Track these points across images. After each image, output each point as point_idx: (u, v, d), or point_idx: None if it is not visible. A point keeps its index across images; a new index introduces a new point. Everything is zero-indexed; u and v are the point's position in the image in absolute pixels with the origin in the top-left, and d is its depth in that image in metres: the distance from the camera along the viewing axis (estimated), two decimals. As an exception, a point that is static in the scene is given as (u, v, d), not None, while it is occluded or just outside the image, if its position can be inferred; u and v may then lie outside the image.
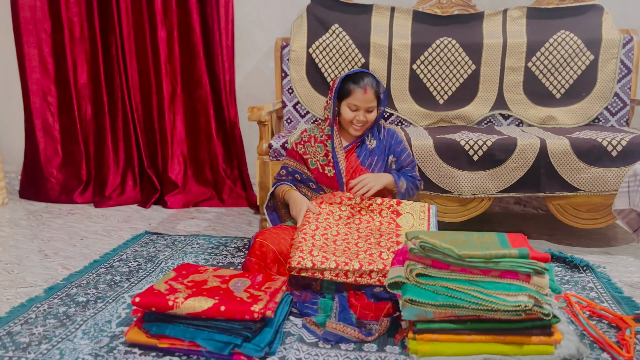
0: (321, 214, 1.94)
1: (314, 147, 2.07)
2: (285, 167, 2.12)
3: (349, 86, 1.97)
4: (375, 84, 1.98)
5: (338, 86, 1.98)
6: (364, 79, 1.96)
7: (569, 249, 2.39)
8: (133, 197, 3.26)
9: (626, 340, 1.49)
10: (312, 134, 2.11)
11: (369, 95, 1.95)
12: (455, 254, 1.39)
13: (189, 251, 2.35)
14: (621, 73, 2.76)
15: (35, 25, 3.20)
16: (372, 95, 1.96)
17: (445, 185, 2.32)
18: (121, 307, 1.78)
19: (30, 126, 3.31)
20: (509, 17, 2.85)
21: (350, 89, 1.96)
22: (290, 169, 2.10)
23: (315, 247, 1.78)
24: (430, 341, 1.41)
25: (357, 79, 1.97)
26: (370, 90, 1.95)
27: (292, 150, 2.13)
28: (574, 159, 2.26)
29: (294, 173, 2.10)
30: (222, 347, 1.43)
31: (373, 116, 2.00)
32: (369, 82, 1.96)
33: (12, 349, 1.52)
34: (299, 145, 2.11)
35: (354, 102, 1.96)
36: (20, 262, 2.26)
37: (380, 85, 2.00)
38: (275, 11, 3.11)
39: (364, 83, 1.95)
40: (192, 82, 3.17)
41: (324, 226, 1.90)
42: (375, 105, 1.98)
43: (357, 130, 2.02)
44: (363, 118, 1.98)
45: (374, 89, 1.96)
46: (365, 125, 2.02)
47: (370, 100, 1.96)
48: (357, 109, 1.97)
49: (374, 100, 1.97)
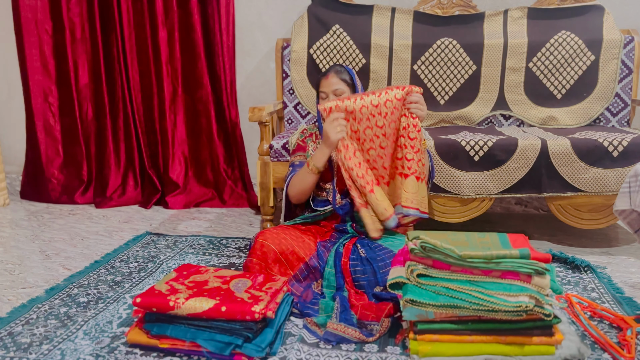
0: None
1: (315, 142, 2.12)
2: (292, 164, 2.11)
3: (318, 80, 2.07)
4: (341, 70, 2.04)
5: (317, 88, 2.08)
6: (329, 69, 2.05)
7: (570, 249, 2.39)
8: (134, 198, 3.26)
9: (627, 341, 1.49)
10: (311, 131, 2.16)
11: (332, 79, 2.01)
12: (456, 255, 1.39)
13: (190, 252, 2.35)
14: (622, 73, 2.76)
15: (36, 25, 3.21)
16: (336, 79, 2.01)
17: (446, 186, 2.32)
18: (122, 308, 1.78)
19: (31, 127, 3.32)
20: (509, 18, 2.85)
21: (317, 81, 2.07)
22: (298, 162, 2.10)
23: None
24: (431, 342, 1.41)
25: (324, 71, 2.07)
26: (333, 75, 2.02)
27: (298, 146, 2.16)
28: (574, 159, 2.26)
29: (303, 164, 2.08)
30: (223, 347, 1.43)
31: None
32: (334, 69, 2.04)
33: (14, 349, 1.52)
34: (303, 141, 2.15)
35: (321, 89, 2.05)
36: (22, 263, 2.26)
37: (349, 70, 2.06)
38: (276, 12, 3.12)
39: (328, 71, 2.04)
40: (193, 83, 3.17)
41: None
42: (341, 88, 2.01)
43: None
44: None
45: (338, 74, 2.02)
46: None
47: (333, 84, 2.01)
48: (326, 95, 2.03)
49: (340, 83, 2.01)
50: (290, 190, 2.03)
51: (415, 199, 1.85)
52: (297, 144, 2.16)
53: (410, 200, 1.85)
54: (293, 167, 2.09)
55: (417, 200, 1.85)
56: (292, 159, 2.13)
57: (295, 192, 2.01)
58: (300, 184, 1.98)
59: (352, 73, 2.06)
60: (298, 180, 1.99)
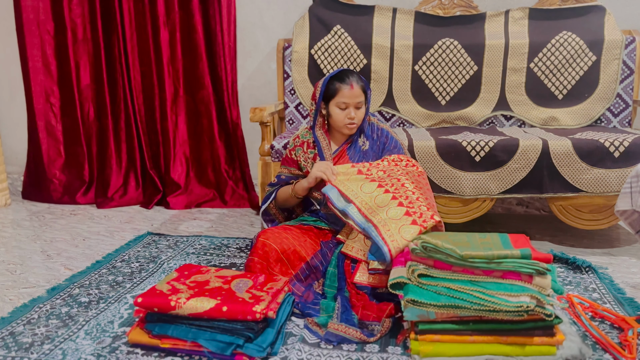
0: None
1: (307, 152, 2.08)
2: (278, 176, 2.13)
3: (334, 85, 1.96)
4: (360, 80, 1.98)
5: (323, 88, 1.98)
6: (348, 76, 1.96)
7: (572, 249, 2.39)
8: (135, 198, 3.26)
9: (628, 341, 1.49)
10: (304, 139, 2.11)
11: (356, 90, 1.94)
12: (457, 255, 1.39)
13: (191, 252, 2.35)
14: (623, 74, 2.75)
15: (38, 26, 3.21)
16: (359, 90, 1.95)
17: (447, 186, 2.32)
18: (123, 308, 1.78)
19: (33, 127, 3.32)
20: (511, 18, 2.85)
21: (336, 88, 1.96)
22: (284, 177, 2.11)
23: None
24: (433, 342, 1.41)
25: (342, 77, 1.96)
26: (357, 85, 1.95)
27: (287, 157, 2.14)
28: (576, 159, 2.25)
29: (289, 179, 2.11)
30: (224, 347, 1.43)
31: (362, 111, 1.99)
32: (355, 78, 1.96)
33: (15, 349, 1.52)
34: (292, 152, 2.12)
35: (342, 99, 1.95)
36: (23, 263, 2.27)
37: (365, 81, 2.01)
38: (278, 12, 3.12)
39: (350, 79, 1.95)
40: (194, 83, 3.17)
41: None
42: (363, 100, 1.97)
43: (352, 129, 2.00)
44: (354, 115, 1.96)
45: (359, 84, 1.96)
46: (359, 122, 2.00)
47: (357, 95, 1.95)
48: (347, 106, 1.96)
49: (362, 95, 1.96)
50: (275, 202, 2.12)
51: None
52: (285, 155, 2.14)
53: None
54: (278, 179, 2.13)
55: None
56: (281, 169, 2.15)
57: (279, 205, 2.13)
58: (284, 202, 2.10)
59: (366, 81, 2.02)
60: (280, 199, 2.10)
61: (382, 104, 2.88)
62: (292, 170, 2.11)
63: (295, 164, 2.11)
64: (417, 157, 2.30)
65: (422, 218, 1.70)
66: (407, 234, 1.65)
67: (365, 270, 1.75)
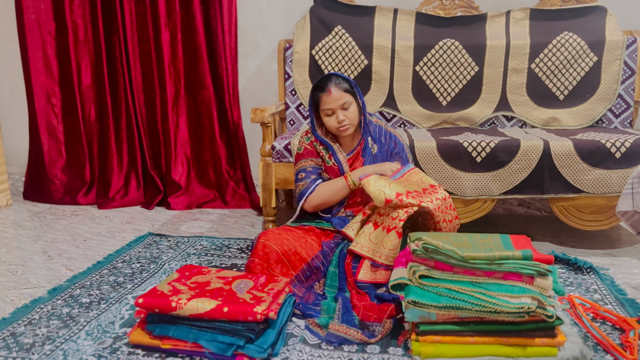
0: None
1: (321, 150, 2.07)
2: (304, 169, 2.05)
3: (316, 95, 1.98)
4: (340, 81, 1.96)
5: (310, 101, 2.01)
6: (326, 83, 1.96)
7: (573, 250, 2.39)
8: (136, 199, 3.27)
9: (630, 343, 1.49)
10: (311, 139, 2.10)
11: (336, 94, 1.94)
12: (458, 256, 1.38)
13: (192, 252, 2.35)
14: (625, 74, 2.75)
15: (39, 27, 3.22)
16: (339, 93, 1.94)
17: (448, 187, 2.32)
18: (124, 309, 1.79)
19: (34, 128, 3.33)
20: (512, 19, 2.85)
21: (318, 97, 1.97)
22: (310, 168, 2.04)
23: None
24: (433, 343, 1.41)
25: (321, 85, 1.97)
26: (335, 89, 1.94)
27: (306, 150, 2.07)
28: (577, 160, 2.25)
29: (317, 170, 2.05)
30: (225, 348, 1.43)
31: (353, 110, 1.98)
32: (332, 82, 1.95)
33: (16, 349, 1.52)
34: (312, 144, 2.07)
35: (325, 107, 1.96)
36: (24, 264, 2.27)
37: (349, 80, 1.99)
38: (278, 13, 3.12)
39: (328, 85, 1.95)
40: (195, 84, 3.17)
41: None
42: (348, 100, 1.96)
43: (345, 131, 1.99)
44: (342, 117, 1.96)
45: (339, 87, 1.95)
46: (353, 122, 1.99)
47: (338, 99, 1.94)
48: (332, 111, 1.96)
49: (345, 96, 1.95)
50: (312, 199, 2.00)
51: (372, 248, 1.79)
52: (304, 148, 2.08)
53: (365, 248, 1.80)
54: (306, 172, 2.03)
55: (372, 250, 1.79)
56: (303, 164, 2.06)
57: (320, 202, 2.00)
58: (331, 197, 1.99)
59: (349, 79, 2.00)
60: (327, 193, 1.98)
61: (383, 105, 2.88)
62: (316, 161, 2.06)
63: (317, 155, 2.07)
64: (418, 157, 2.30)
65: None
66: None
67: (368, 268, 1.77)
